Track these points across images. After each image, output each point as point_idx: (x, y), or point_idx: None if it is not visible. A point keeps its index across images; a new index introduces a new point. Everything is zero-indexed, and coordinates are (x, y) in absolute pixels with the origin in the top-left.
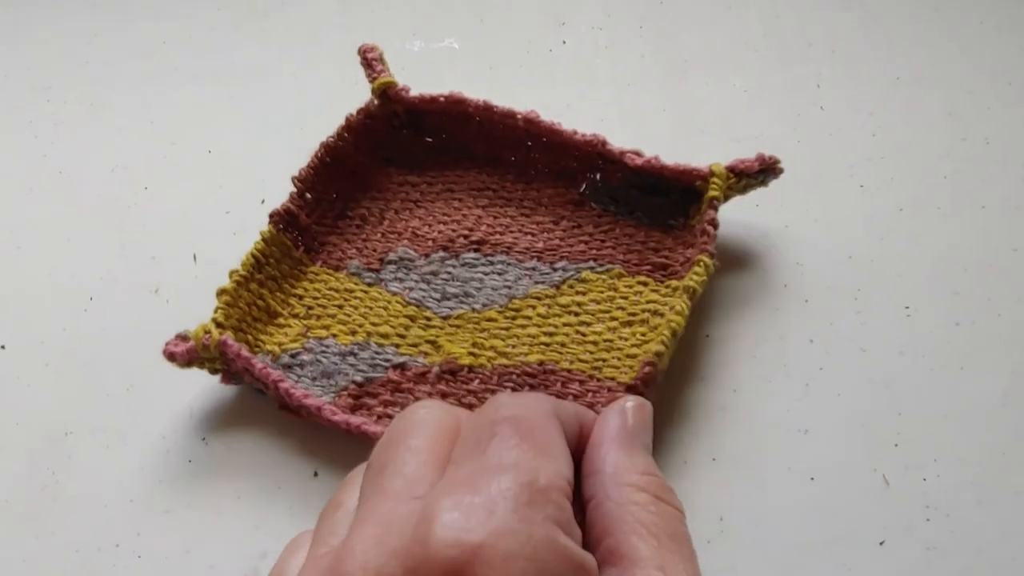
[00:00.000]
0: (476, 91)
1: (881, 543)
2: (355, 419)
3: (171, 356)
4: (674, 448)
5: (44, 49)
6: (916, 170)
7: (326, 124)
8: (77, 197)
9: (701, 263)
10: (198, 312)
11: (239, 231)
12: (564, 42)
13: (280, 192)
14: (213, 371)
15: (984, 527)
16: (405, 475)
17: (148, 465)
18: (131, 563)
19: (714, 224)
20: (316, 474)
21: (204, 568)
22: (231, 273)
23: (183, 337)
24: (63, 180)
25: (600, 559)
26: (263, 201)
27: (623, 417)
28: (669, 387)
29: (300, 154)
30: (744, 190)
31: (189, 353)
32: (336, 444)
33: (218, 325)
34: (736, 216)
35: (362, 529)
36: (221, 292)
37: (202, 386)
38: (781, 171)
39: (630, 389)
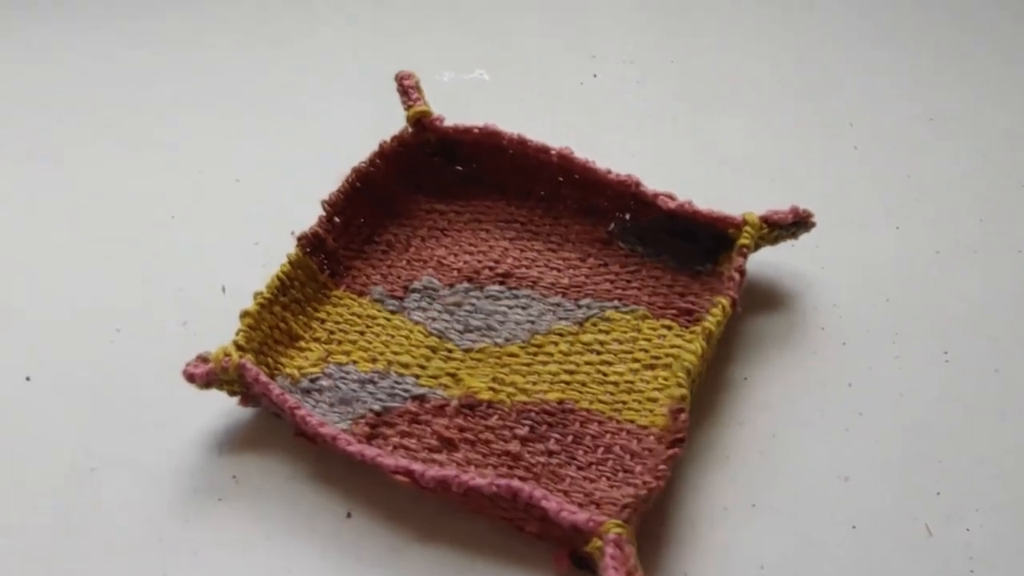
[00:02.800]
0: (506, 122)
1: None
2: (369, 450)
3: (190, 377)
4: (714, 494)
5: (71, 78)
6: (951, 212)
7: (355, 154)
8: (103, 226)
9: (719, 305)
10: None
11: (268, 263)
12: (595, 75)
13: (309, 223)
14: (232, 393)
15: None
16: None
17: (177, 503)
18: None
19: (741, 271)
20: (349, 515)
21: None
22: (255, 295)
23: (203, 359)
24: (88, 209)
25: None
26: (292, 232)
27: None
28: (708, 430)
29: (328, 184)
30: (775, 241)
31: (208, 375)
32: (371, 485)
33: (239, 347)
34: (772, 257)
35: None
36: (244, 314)
37: (233, 421)
38: (813, 224)
39: (670, 441)
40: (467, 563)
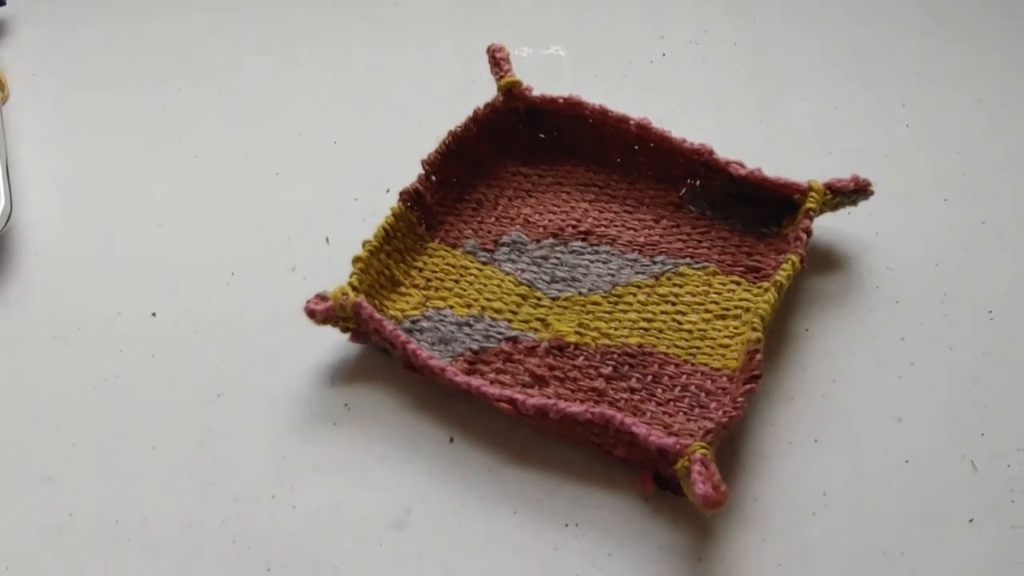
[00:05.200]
0: (581, 96)
1: (970, 521)
2: (475, 381)
3: (311, 313)
4: (780, 430)
5: (171, 42)
6: (997, 186)
7: (438, 120)
8: (212, 180)
9: (789, 261)
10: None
11: (367, 216)
12: (663, 55)
13: (402, 182)
14: (344, 329)
15: None
16: None
17: (296, 426)
18: (287, 513)
19: (808, 232)
20: (452, 440)
21: (355, 520)
22: (364, 243)
23: (322, 297)
24: (198, 164)
25: None
26: (388, 190)
27: None
28: (775, 374)
29: (416, 147)
30: (836, 207)
31: (327, 312)
32: (470, 413)
33: (353, 288)
34: (831, 224)
35: None
36: (356, 259)
37: (343, 356)
38: (872, 193)
39: (747, 378)
40: (557, 483)
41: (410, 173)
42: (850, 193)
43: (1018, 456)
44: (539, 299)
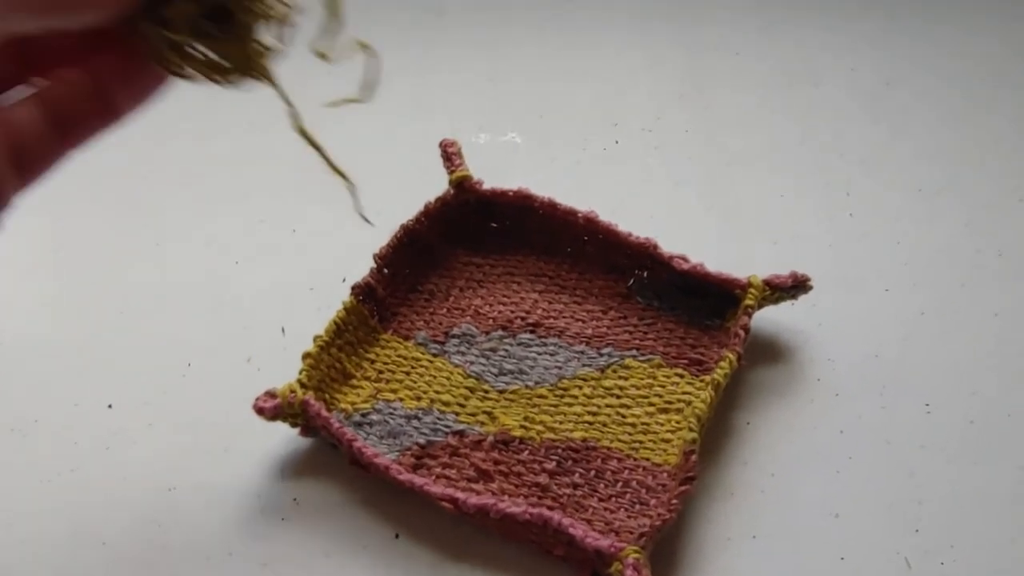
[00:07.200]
0: (536, 183)
1: None
2: (418, 479)
3: (260, 411)
4: (718, 525)
5: (138, 130)
6: (937, 277)
7: (400, 209)
8: (174, 268)
9: (727, 359)
10: (288, 381)
11: (323, 307)
12: (617, 142)
13: (358, 272)
14: (294, 425)
15: None
16: None
17: (245, 521)
18: None
19: (746, 329)
20: (397, 536)
21: None
22: (315, 338)
23: (271, 394)
24: (160, 252)
25: None
26: (344, 280)
27: None
28: (714, 469)
29: (371, 237)
30: (776, 301)
31: (276, 409)
32: (415, 509)
33: (302, 385)
34: (774, 315)
35: None
36: (306, 355)
37: (293, 450)
38: (810, 288)
39: (682, 479)
40: None
41: (365, 263)
42: (789, 289)
43: (951, 553)
44: (487, 392)
